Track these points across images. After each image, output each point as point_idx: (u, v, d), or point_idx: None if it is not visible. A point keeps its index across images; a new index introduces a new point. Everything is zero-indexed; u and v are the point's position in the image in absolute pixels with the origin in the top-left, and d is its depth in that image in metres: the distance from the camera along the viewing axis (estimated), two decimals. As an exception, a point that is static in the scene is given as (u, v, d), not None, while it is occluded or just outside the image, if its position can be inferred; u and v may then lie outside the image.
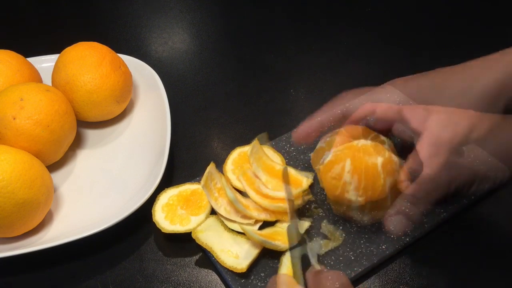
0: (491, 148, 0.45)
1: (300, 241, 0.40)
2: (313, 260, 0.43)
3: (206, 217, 0.48)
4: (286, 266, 0.44)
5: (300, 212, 0.49)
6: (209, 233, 0.46)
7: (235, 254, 0.45)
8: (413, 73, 0.71)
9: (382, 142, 0.46)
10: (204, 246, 0.45)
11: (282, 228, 0.47)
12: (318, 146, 0.49)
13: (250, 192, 0.48)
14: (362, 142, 0.45)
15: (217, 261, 0.44)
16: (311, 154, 0.51)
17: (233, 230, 0.47)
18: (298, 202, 0.48)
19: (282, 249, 0.45)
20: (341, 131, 0.47)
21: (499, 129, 0.43)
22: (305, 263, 0.38)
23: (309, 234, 0.47)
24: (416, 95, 0.47)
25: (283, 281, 0.35)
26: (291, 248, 0.41)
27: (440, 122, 0.42)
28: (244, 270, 0.43)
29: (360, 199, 0.44)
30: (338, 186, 0.44)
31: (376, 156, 0.44)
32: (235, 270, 0.43)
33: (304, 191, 0.48)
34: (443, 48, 0.75)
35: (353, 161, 0.44)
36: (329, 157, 0.46)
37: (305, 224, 0.47)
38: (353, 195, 0.44)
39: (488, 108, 0.42)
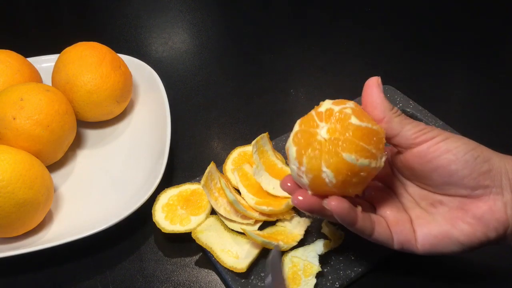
0: None
1: None
2: (315, 261, 0.43)
3: (206, 217, 0.48)
4: (288, 266, 0.44)
5: (300, 212, 0.49)
6: (209, 233, 0.46)
7: (235, 254, 0.45)
8: (413, 73, 0.71)
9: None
10: (204, 246, 0.45)
11: (283, 228, 0.47)
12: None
13: (242, 189, 0.49)
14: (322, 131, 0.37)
15: (217, 261, 0.44)
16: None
17: (233, 230, 0.47)
18: None
19: (284, 249, 0.45)
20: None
21: None
22: None
23: (309, 234, 0.47)
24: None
25: None
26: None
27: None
28: (244, 270, 0.43)
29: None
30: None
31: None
32: (235, 270, 0.43)
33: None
34: (443, 47, 0.75)
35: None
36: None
37: (305, 223, 0.47)
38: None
39: None
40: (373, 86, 0.39)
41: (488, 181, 0.36)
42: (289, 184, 0.41)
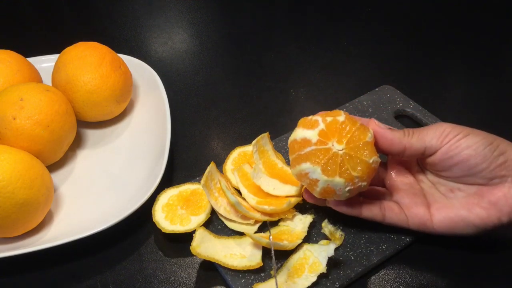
0: None
1: None
2: (324, 262, 0.43)
3: (206, 217, 0.47)
4: (299, 256, 0.44)
5: (301, 209, 0.49)
6: (204, 245, 0.45)
7: (240, 254, 0.45)
8: (413, 73, 0.71)
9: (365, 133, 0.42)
10: (208, 259, 0.44)
11: (286, 227, 0.47)
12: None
13: (243, 190, 0.48)
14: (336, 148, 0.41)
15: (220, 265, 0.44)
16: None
17: (233, 231, 0.46)
18: (299, 199, 0.48)
19: (289, 248, 0.44)
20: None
21: None
22: None
23: (309, 234, 0.47)
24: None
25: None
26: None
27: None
28: (261, 263, 0.43)
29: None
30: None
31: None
32: (252, 268, 0.43)
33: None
34: (443, 47, 0.75)
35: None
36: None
37: (307, 220, 0.47)
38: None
39: None
40: (377, 128, 0.43)
41: (504, 171, 0.40)
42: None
